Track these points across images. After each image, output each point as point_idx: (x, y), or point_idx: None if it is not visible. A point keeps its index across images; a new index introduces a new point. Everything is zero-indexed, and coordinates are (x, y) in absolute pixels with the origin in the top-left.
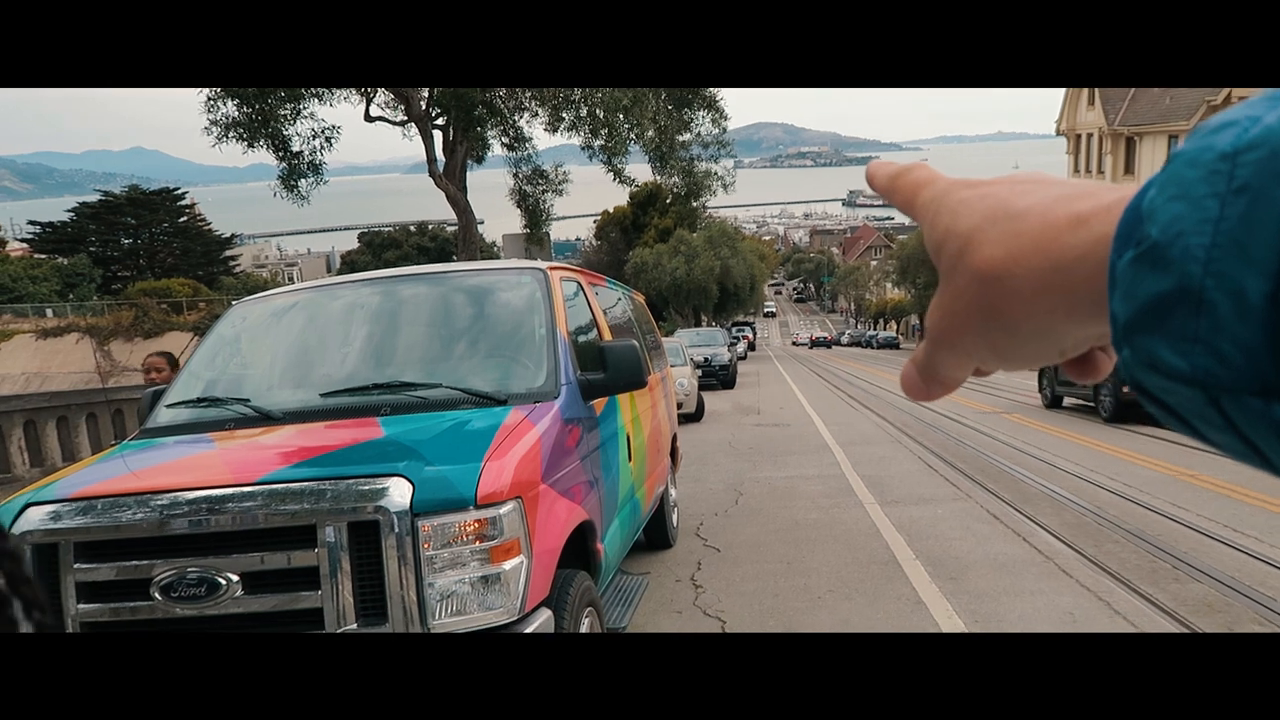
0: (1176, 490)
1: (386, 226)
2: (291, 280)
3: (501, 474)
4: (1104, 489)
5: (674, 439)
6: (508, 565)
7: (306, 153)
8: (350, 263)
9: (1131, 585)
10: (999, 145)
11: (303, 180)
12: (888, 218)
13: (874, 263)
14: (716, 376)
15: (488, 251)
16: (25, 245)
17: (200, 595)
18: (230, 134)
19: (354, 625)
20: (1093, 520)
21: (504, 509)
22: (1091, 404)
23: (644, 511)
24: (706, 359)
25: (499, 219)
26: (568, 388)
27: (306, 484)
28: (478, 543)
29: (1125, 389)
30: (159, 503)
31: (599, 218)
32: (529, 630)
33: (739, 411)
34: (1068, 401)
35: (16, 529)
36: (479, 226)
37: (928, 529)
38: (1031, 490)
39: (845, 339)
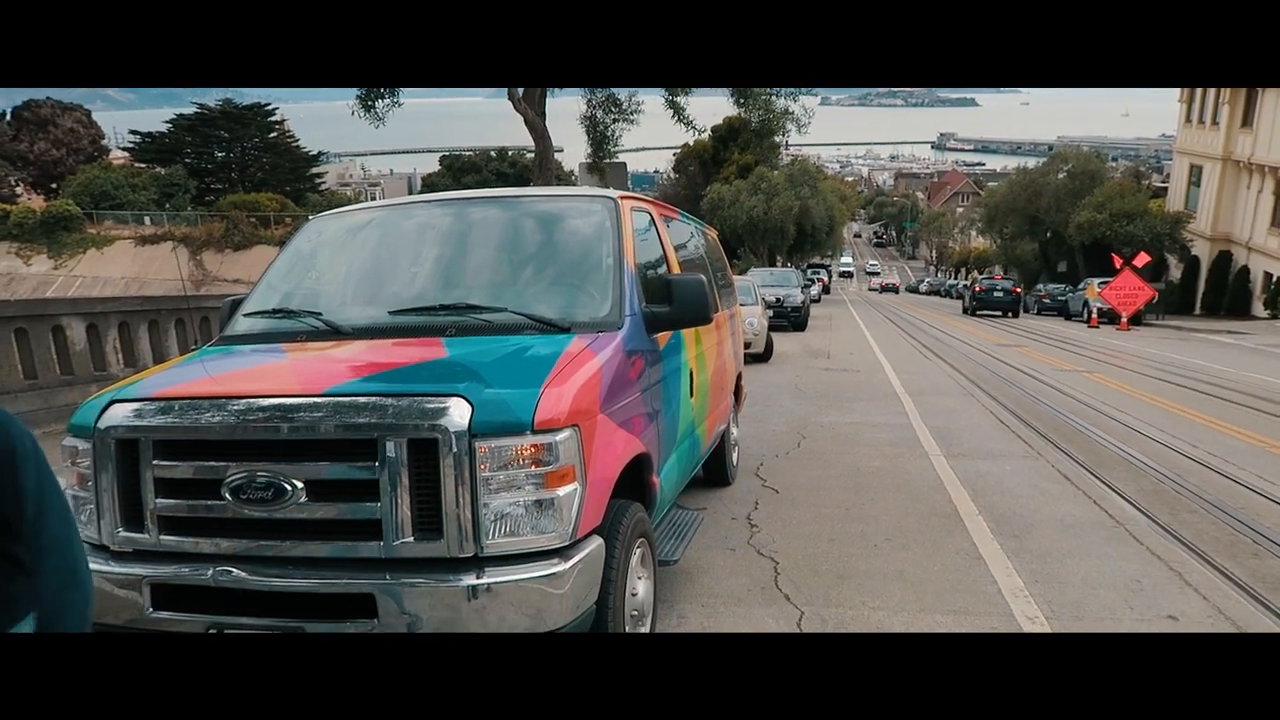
0: (1265, 463)
1: (467, 151)
2: (373, 199)
3: (560, 401)
4: (1185, 456)
5: (739, 378)
6: (561, 491)
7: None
8: (431, 185)
9: (1206, 557)
10: (1108, 92)
11: (380, 101)
12: (978, 164)
13: (959, 209)
14: (788, 318)
15: (565, 179)
16: (127, 154)
17: (267, 499)
18: None
19: (410, 539)
20: (1171, 488)
21: (560, 435)
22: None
23: (703, 448)
24: (779, 299)
25: (578, 146)
26: (632, 319)
27: (370, 399)
28: (533, 467)
29: None
30: (233, 407)
31: (679, 151)
32: (580, 556)
33: (808, 354)
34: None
35: (101, 423)
36: (558, 154)
37: (994, 484)
38: (1107, 453)
39: (924, 287)
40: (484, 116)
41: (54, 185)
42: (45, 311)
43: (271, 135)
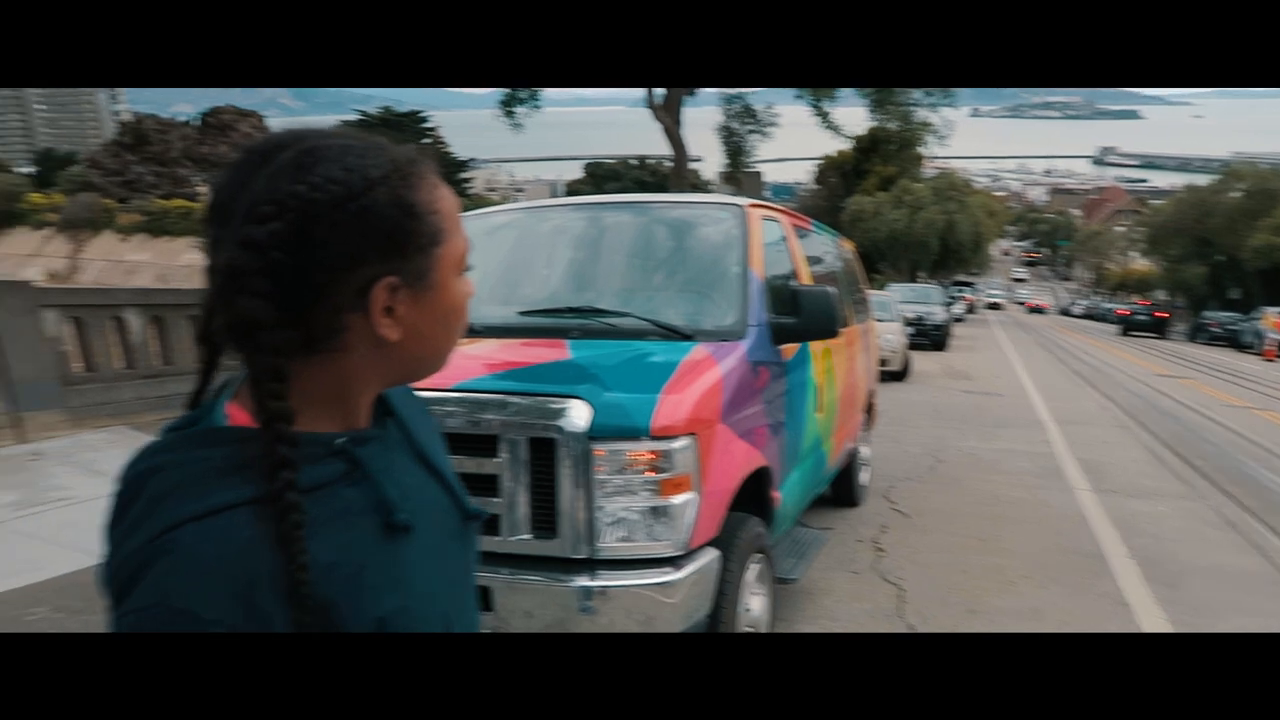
0: None
1: (609, 158)
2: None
3: (678, 408)
4: None
5: (871, 396)
6: (677, 500)
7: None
8: (573, 192)
9: None
10: None
11: (519, 107)
12: (1141, 180)
13: (1119, 229)
14: (928, 336)
15: (702, 188)
16: None
17: None
18: None
19: (528, 535)
20: None
21: (677, 443)
22: None
23: (830, 466)
24: (919, 317)
25: (717, 155)
26: (757, 329)
27: (494, 395)
28: (649, 473)
29: None
30: None
31: (820, 162)
32: (694, 566)
33: (948, 375)
34: None
35: None
36: (696, 164)
37: (1147, 525)
38: (1278, 498)
39: (1078, 309)
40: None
41: None
42: None
43: (425, 141)
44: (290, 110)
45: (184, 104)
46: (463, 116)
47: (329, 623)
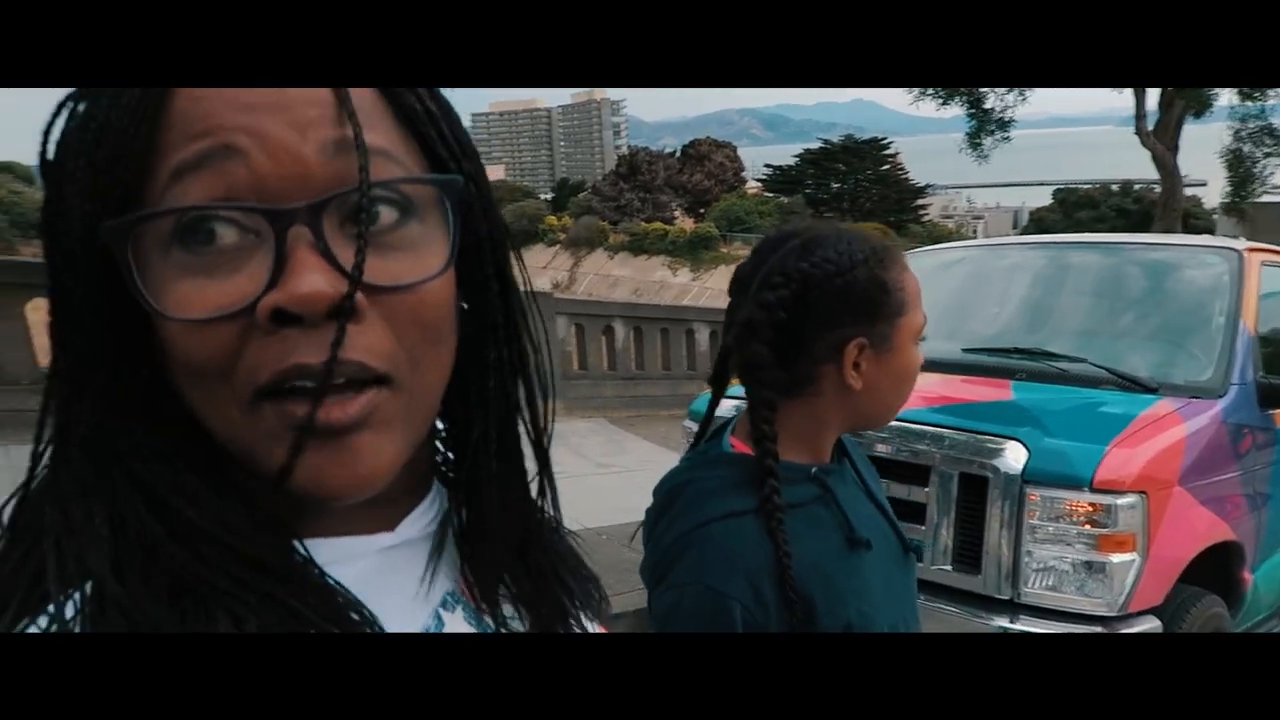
0: None
1: (1084, 184)
2: (975, 234)
3: (1127, 463)
4: None
5: None
6: (1116, 559)
7: (997, 109)
8: (1037, 220)
9: None
10: None
11: (988, 138)
12: None
13: None
14: None
15: (1202, 220)
16: (759, 184)
17: None
18: (927, 92)
19: (949, 567)
20: None
21: (1122, 500)
22: None
23: None
24: None
25: (1219, 181)
26: (1239, 388)
27: (929, 428)
28: (1086, 526)
29: None
30: None
31: None
32: (1128, 631)
33: None
34: None
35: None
36: (1195, 190)
37: None
38: None
39: None
40: (1102, 147)
41: (701, 210)
42: (681, 317)
43: (884, 168)
44: (759, 140)
45: (669, 136)
46: (922, 141)
47: (811, 615)
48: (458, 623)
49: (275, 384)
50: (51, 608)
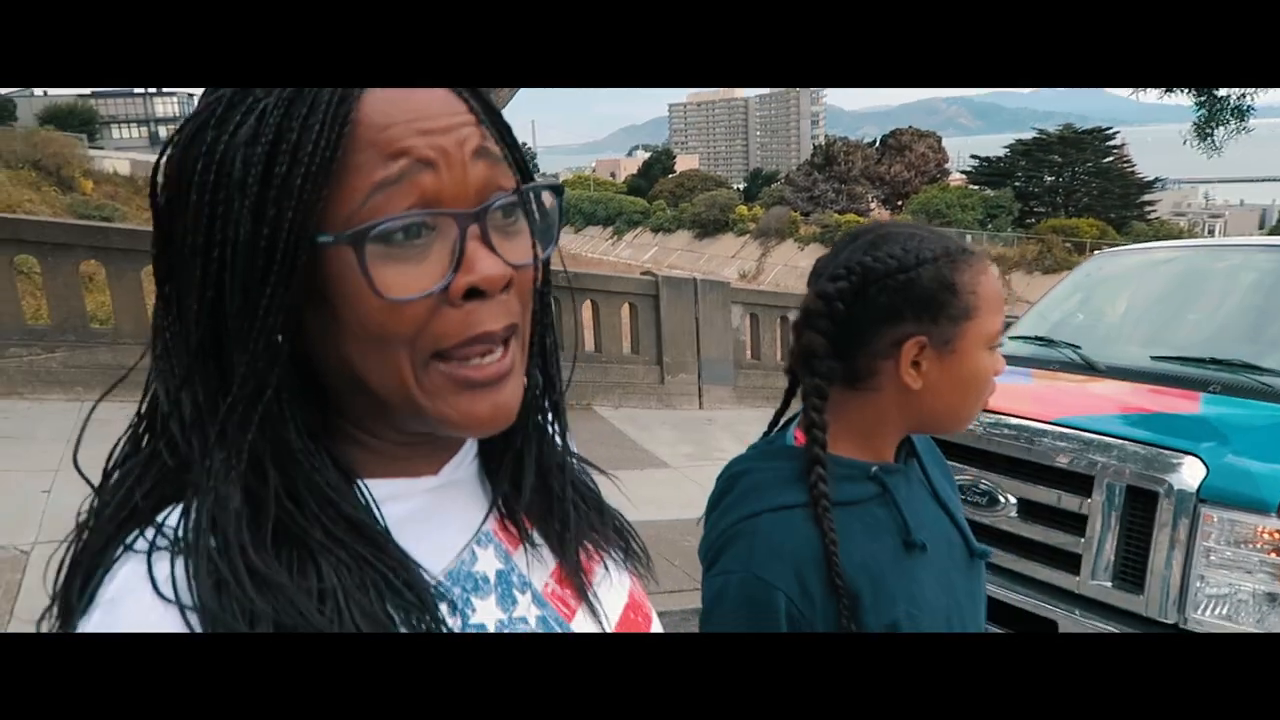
0: None
1: None
2: (1211, 233)
3: None
4: None
5: None
6: None
7: (1233, 97)
8: None
9: None
10: None
11: (1220, 128)
12: None
13: None
14: None
15: None
16: (964, 176)
17: (982, 504)
18: None
19: (1108, 583)
20: None
21: None
22: None
23: None
24: None
25: None
26: None
27: (1095, 436)
28: (1271, 554)
29: None
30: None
31: None
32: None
33: None
34: None
35: None
36: None
37: None
38: None
39: None
40: None
41: (899, 202)
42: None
43: (1106, 160)
44: (967, 129)
45: (870, 125)
46: (1156, 131)
47: (856, 611)
48: (489, 559)
49: (458, 347)
50: (181, 521)
